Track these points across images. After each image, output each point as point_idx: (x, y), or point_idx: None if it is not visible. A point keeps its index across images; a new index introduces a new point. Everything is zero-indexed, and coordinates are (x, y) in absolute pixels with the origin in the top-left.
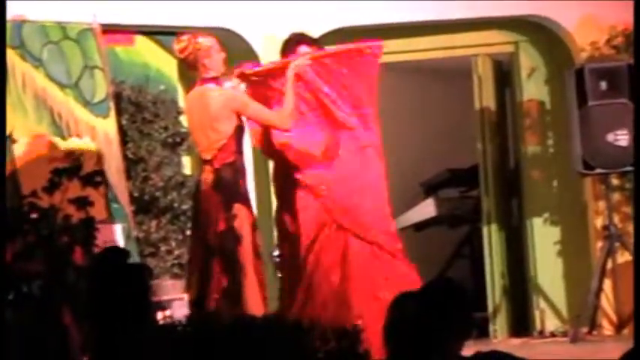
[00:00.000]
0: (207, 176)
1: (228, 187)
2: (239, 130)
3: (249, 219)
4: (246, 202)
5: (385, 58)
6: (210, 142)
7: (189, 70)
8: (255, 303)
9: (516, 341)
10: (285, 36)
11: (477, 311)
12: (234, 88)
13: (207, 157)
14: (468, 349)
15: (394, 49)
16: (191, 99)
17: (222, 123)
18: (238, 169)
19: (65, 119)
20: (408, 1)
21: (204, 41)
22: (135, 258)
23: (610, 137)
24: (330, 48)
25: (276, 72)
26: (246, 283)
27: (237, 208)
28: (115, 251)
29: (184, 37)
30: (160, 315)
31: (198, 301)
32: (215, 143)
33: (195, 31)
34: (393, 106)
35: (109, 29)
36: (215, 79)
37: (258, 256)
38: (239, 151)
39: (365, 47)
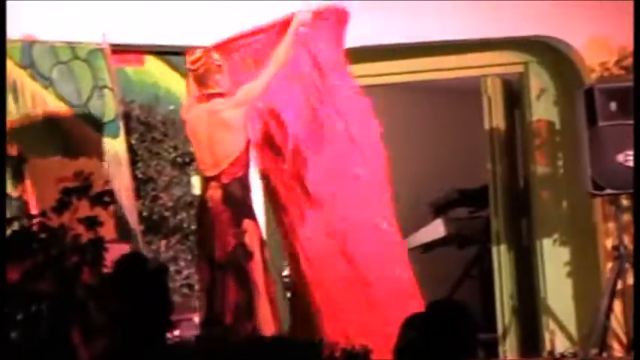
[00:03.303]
0: (214, 193)
1: (238, 202)
2: (248, 143)
3: (258, 234)
4: (254, 217)
5: (395, 78)
6: (216, 159)
7: (195, 83)
8: (266, 319)
9: None
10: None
11: (485, 332)
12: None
13: (212, 173)
14: None
15: (404, 69)
16: (196, 115)
17: (236, 134)
18: (245, 184)
19: (75, 139)
20: (418, 21)
21: (218, 57)
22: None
23: (620, 158)
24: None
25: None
26: (257, 299)
27: (247, 223)
28: (134, 257)
29: (198, 50)
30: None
31: (209, 320)
32: (225, 159)
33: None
34: (403, 126)
35: (118, 49)
36: (221, 95)
37: (267, 272)
38: (248, 165)
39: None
